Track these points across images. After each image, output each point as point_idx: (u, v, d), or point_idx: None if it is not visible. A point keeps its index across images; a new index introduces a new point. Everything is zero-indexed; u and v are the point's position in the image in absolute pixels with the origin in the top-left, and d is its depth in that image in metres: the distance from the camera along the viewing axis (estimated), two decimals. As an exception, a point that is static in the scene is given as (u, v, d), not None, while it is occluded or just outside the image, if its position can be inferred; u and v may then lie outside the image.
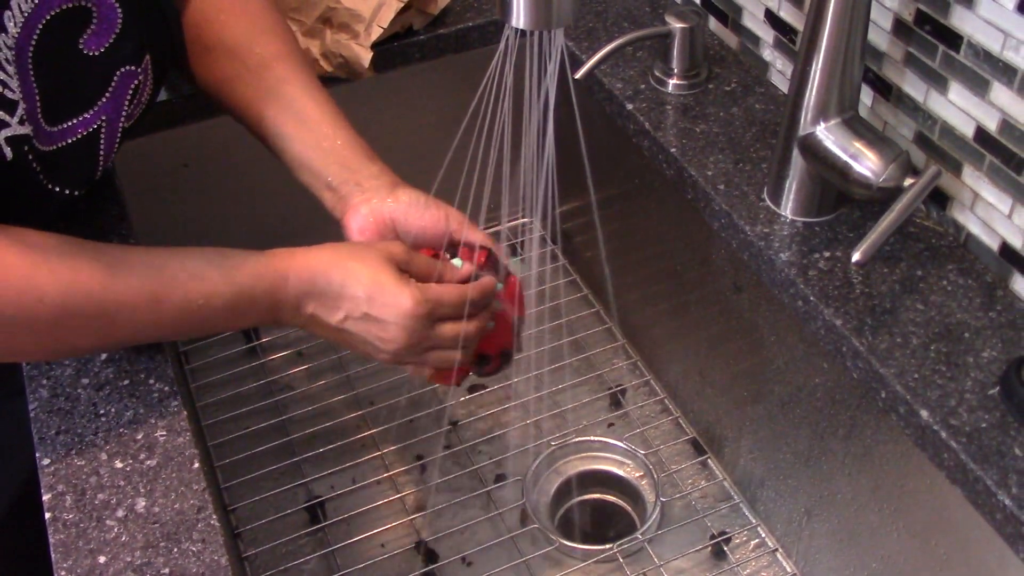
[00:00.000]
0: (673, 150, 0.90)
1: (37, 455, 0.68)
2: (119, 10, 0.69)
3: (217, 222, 1.08)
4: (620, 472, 1.00)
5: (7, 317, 0.61)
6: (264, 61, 0.80)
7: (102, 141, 0.72)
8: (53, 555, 0.63)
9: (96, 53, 0.69)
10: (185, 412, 0.71)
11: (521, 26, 0.62)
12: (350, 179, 0.77)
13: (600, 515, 0.99)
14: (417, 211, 0.76)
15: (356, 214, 0.77)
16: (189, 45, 0.81)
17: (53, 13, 0.65)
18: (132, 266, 0.65)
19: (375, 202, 0.76)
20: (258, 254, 0.70)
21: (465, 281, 0.76)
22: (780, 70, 0.94)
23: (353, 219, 0.77)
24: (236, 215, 1.09)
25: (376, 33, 0.98)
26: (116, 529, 0.64)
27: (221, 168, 1.05)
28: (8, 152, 0.63)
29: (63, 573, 0.62)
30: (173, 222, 1.05)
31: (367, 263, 0.71)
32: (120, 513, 0.65)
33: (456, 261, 0.77)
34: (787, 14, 0.90)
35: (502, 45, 0.66)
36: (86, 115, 0.70)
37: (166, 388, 0.72)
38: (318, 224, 1.13)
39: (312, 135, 0.78)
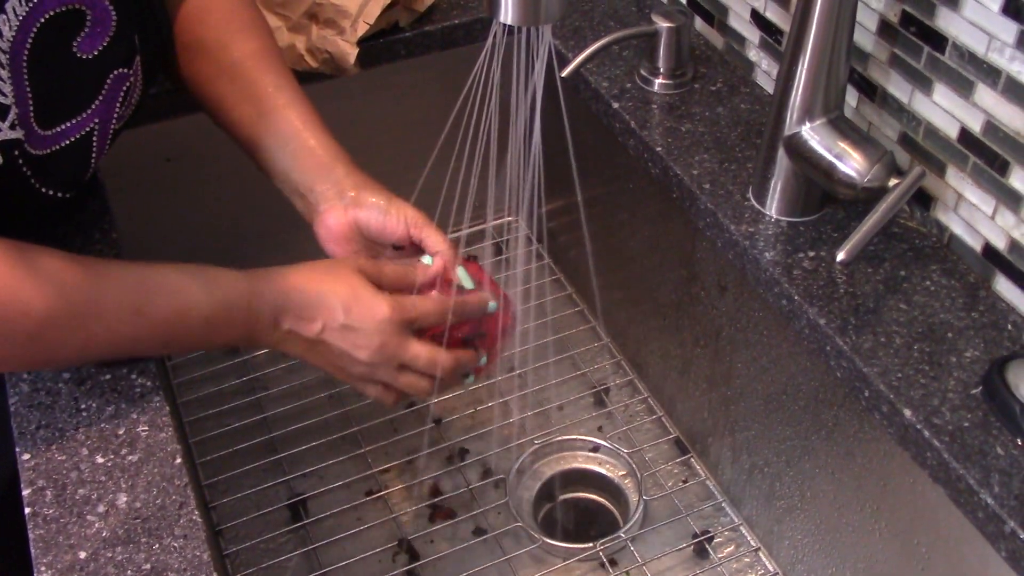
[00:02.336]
0: (659, 149, 0.90)
1: (17, 450, 0.68)
2: (113, 13, 0.69)
3: (200, 217, 1.08)
4: (603, 471, 1.00)
5: None
6: (235, 62, 0.80)
7: (94, 144, 0.72)
8: (33, 550, 0.62)
9: (90, 56, 0.69)
10: (167, 407, 0.70)
11: (509, 22, 0.62)
12: (315, 187, 0.78)
13: (583, 514, 0.99)
14: (378, 216, 0.77)
15: (323, 222, 0.78)
16: (175, 43, 0.81)
17: (48, 16, 0.65)
18: (115, 279, 0.66)
19: (338, 209, 0.78)
20: (236, 270, 0.71)
21: (434, 281, 0.76)
22: (765, 70, 0.94)
23: (320, 227, 0.79)
24: (219, 210, 1.09)
25: (362, 29, 0.98)
26: (97, 524, 0.64)
27: (204, 163, 1.05)
28: None
29: (43, 568, 0.62)
30: (156, 217, 1.04)
31: (341, 277, 0.73)
32: (101, 508, 0.65)
33: (426, 258, 0.77)
34: (773, 15, 0.90)
35: (489, 41, 0.66)
36: (79, 118, 0.70)
37: (148, 383, 0.72)
38: (300, 220, 1.13)
39: (278, 141, 0.79)
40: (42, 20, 0.65)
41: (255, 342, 0.72)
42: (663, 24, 0.93)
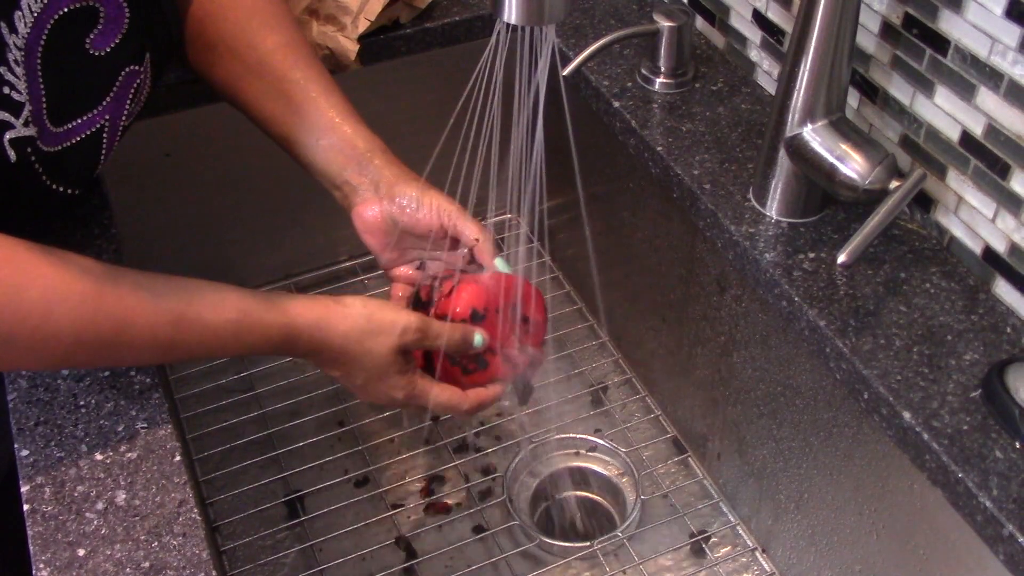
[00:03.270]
0: (659, 149, 0.90)
1: (16, 446, 0.68)
2: (127, 10, 0.69)
3: (199, 212, 1.08)
4: (600, 470, 1.00)
5: (20, 348, 0.60)
6: (262, 58, 0.79)
7: (104, 140, 0.72)
8: (31, 548, 0.62)
9: (102, 53, 0.69)
10: (166, 404, 0.70)
11: (513, 21, 0.62)
12: (350, 179, 0.78)
13: (580, 512, 0.99)
14: (410, 210, 0.77)
15: (359, 215, 0.79)
16: (191, 42, 0.80)
17: (62, 12, 0.65)
18: (148, 314, 0.63)
19: (373, 202, 0.78)
20: (273, 308, 0.68)
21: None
22: (767, 71, 0.94)
23: (357, 219, 0.79)
24: (218, 204, 1.08)
25: (363, 26, 0.98)
26: (96, 522, 0.64)
27: (203, 158, 1.05)
28: (12, 154, 0.63)
29: (41, 566, 0.62)
30: (155, 211, 1.04)
31: (376, 353, 0.72)
32: (100, 506, 0.65)
33: (477, 338, 0.76)
34: (774, 15, 0.90)
35: (493, 40, 0.66)
36: (90, 115, 0.70)
37: (147, 380, 0.72)
38: (297, 216, 1.13)
39: (312, 136, 0.78)
40: (56, 17, 0.65)
41: None
42: (664, 23, 0.93)
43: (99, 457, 0.67)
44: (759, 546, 0.94)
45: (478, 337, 0.75)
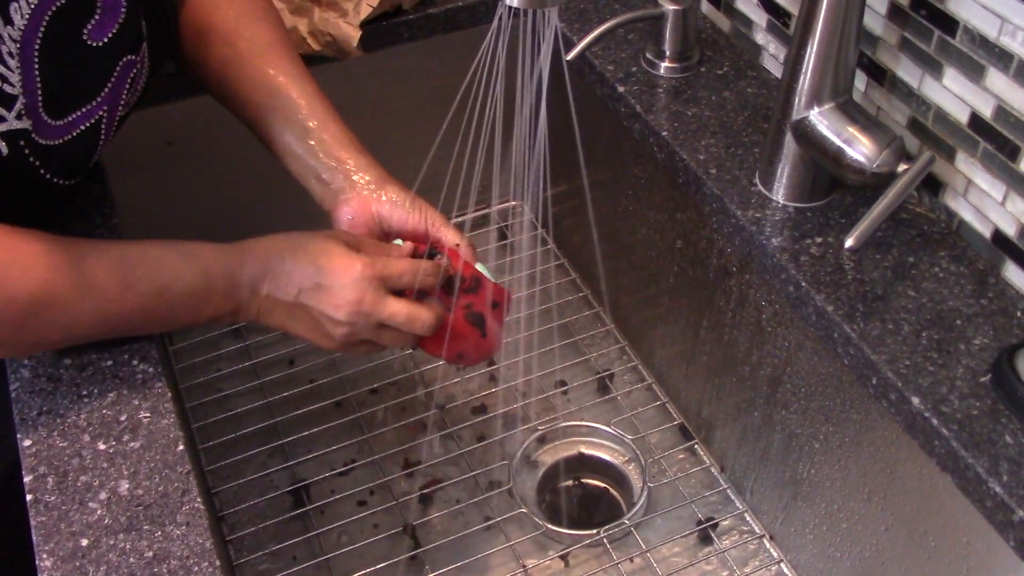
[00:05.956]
0: (664, 133, 0.89)
1: (18, 436, 0.67)
2: None
3: (200, 201, 1.07)
4: (607, 457, 1.00)
5: None
6: (254, 48, 0.80)
7: (102, 131, 0.72)
8: (35, 537, 0.62)
9: (99, 44, 0.69)
10: (169, 393, 0.70)
11: (515, 4, 0.62)
12: (340, 173, 0.79)
13: (587, 500, 0.99)
14: (401, 211, 0.78)
15: (346, 208, 0.79)
16: (183, 28, 0.81)
17: (59, 4, 0.65)
18: (97, 258, 0.66)
19: (361, 199, 0.78)
20: (215, 243, 0.72)
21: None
22: (773, 54, 0.93)
23: (342, 212, 0.79)
24: (220, 194, 1.08)
25: (365, 12, 0.97)
26: (99, 512, 0.63)
27: (205, 147, 1.04)
28: (3, 147, 0.63)
29: (44, 556, 0.61)
30: (156, 201, 1.03)
31: (315, 240, 0.74)
32: (103, 495, 0.64)
33: (397, 241, 0.78)
34: (781, -3, 0.89)
35: (495, 24, 0.65)
36: (89, 107, 0.70)
37: (150, 369, 0.71)
38: (301, 204, 1.12)
39: (301, 127, 0.79)
40: (54, 8, 0.64)
41: (239, 314, 0.73)
42: (669, 7, 0.92)
43: (102, 447, 0.67)
44: (767, 533, 0.93)
45: (397, 241, 0.76)
